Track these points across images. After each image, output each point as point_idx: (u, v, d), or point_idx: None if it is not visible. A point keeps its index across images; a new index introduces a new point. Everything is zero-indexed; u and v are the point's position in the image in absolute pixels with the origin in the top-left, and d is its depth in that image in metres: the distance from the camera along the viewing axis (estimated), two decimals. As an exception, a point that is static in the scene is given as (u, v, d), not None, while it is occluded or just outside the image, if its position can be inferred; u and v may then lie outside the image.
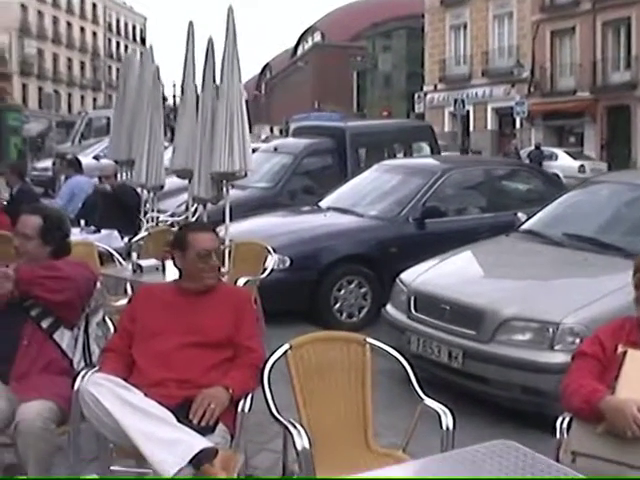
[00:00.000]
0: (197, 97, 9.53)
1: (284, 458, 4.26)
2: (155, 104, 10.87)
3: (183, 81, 9.99)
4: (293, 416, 4.01)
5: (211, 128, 8.84)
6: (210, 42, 9.09)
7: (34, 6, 77.28)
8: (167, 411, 3.73)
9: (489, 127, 47.87)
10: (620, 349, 3.70)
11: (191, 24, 9.69)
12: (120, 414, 3.62)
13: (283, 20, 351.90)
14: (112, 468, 4.03)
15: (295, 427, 3.78)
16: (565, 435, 3.75)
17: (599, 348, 3.80)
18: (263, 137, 31.39)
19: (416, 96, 50.94)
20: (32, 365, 4.37)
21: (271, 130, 55.97)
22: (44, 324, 4.46)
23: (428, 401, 4.13)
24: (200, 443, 3.53)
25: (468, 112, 44.97)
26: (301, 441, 3.68)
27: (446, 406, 4.08)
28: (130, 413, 3.63)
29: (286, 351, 4.17)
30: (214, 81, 9.08)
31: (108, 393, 3.70)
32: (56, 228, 4.72)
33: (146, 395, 3.81)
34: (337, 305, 9.34)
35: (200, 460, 3.47)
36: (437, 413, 4.00)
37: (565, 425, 3.78)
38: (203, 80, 9.21)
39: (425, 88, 51.70)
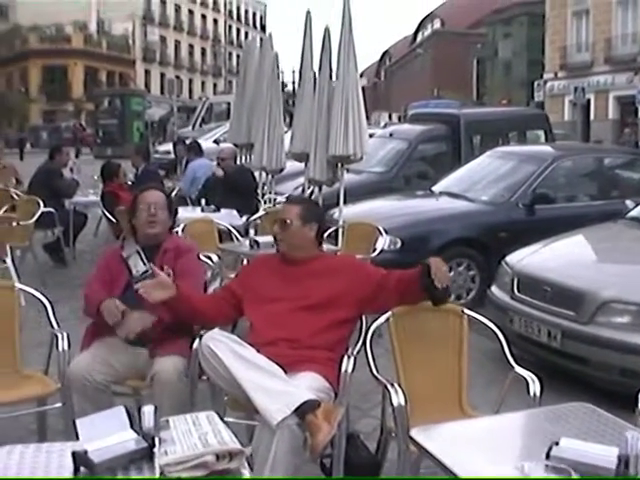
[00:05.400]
0: (315, 83, 9.92)
1: (382, 418, 4.58)
2: (274, 90, 11.25)
3: (301, 68, 10.40)
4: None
5: (327, 113, 9.21)
6: (327, 31, 9.49)
7: (157, -5, 79.43)
8: (277, 366, 4.07)
9: (610, 116, 46.81)
10: None
11: (308, 13, 10.12)
12: (234, 366, 3.98)
13: (403, 7, 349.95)
14: (225, 419, 4.40)
15: (392, 385, 4.09)
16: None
17: None
18: (382, 124, 31.54)
19: (536, 84, 50.11)
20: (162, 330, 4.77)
21: (390, 117, 55.99)
22: None
23: (518, 369, 4.35)
24: (305, 395, 3.85)
25: (589, 101, 44.14)
26: (397, 398, 3.98)
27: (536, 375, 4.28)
28: (243, 366, 3.99)
29: (388, 318, 4.50)
30: (330, 68, 9.45)
31: (224, 347, 4.07)
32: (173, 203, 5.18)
33: (259, 352, 4.16)
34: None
35: (304, 410, 3.77)
36: (526, 380, 4.22)
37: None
38: (320, 67, 9.60)
39: (545, 76, 50.83)
